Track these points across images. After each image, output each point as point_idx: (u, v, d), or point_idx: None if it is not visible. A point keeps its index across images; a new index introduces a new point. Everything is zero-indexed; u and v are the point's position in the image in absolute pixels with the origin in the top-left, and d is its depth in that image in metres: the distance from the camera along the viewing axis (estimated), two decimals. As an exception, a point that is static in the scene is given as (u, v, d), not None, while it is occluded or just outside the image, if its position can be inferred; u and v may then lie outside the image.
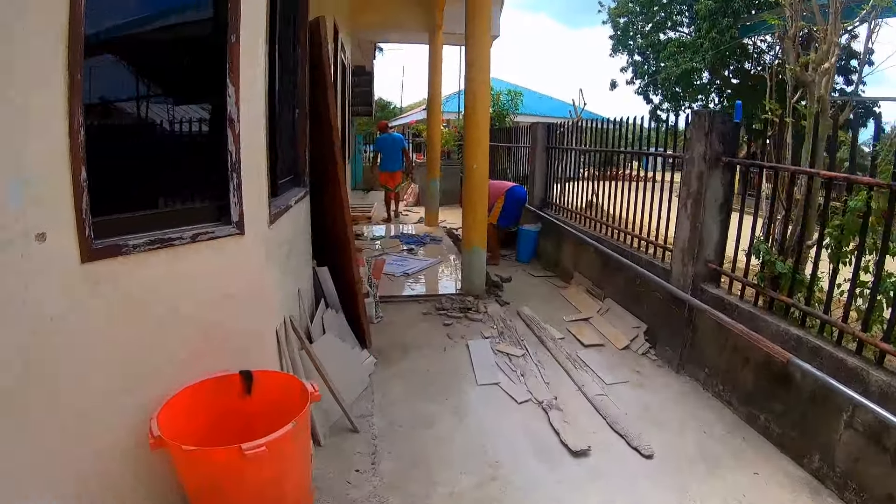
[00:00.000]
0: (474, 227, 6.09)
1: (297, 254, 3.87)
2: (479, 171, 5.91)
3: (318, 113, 4.21)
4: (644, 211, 5.58)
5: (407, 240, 9.32)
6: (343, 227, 4.42)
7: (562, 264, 7.54)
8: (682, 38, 24.07)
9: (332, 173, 4.29)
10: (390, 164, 11.65)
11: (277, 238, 3.12)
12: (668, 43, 24.13)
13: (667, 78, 23.56)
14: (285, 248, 3.37)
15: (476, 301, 6.06)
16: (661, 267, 5.04)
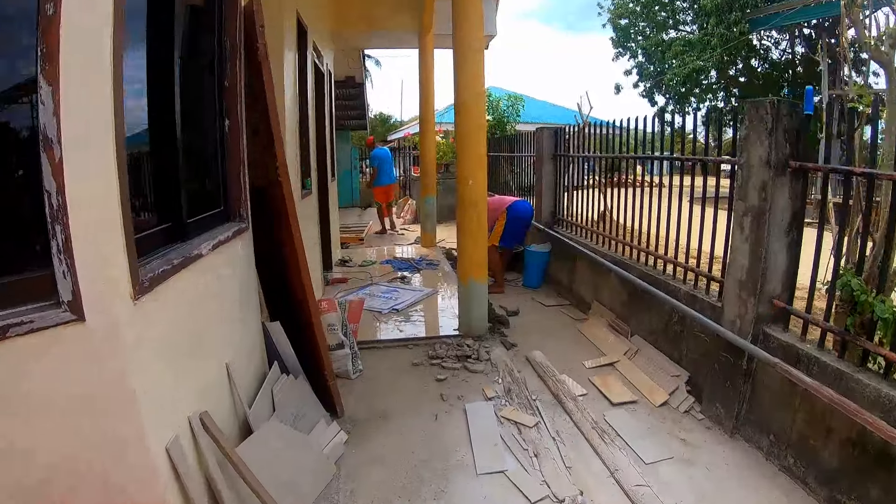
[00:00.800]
0: (472, 255, 5.07)
1: (226, 315, 2.87)
2: (476, 187, 4.91)
3: (260, 125, 3.23)
4: (669, 225, 4.61)
5: (400, 265, 8.32)
6: (297, 269, 3.43)
7: (577, 291, 6.52)
8: (687, 36, 23.10)
9: (278, 202, 3.30)
10: (385, 178, 11.84)
11: (164, 313, 2.11)
12: (674, 42, 23.21)
13: (673, 78, 22.61)
14: (187, 323, 2.35)
15: (476, 344, 5.04)
16: (707, 302, 4.05)
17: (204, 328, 2.54)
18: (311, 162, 5.98)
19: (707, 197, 4.41)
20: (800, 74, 21.62)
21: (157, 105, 2.37)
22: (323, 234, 7.25)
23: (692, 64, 21.24)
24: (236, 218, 3.14)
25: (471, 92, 4.81)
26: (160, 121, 2.38)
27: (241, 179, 3.11)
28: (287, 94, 4.64)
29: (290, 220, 3.27)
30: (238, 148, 3.07)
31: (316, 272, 6.39)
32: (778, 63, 22.82)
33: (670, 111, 25.05)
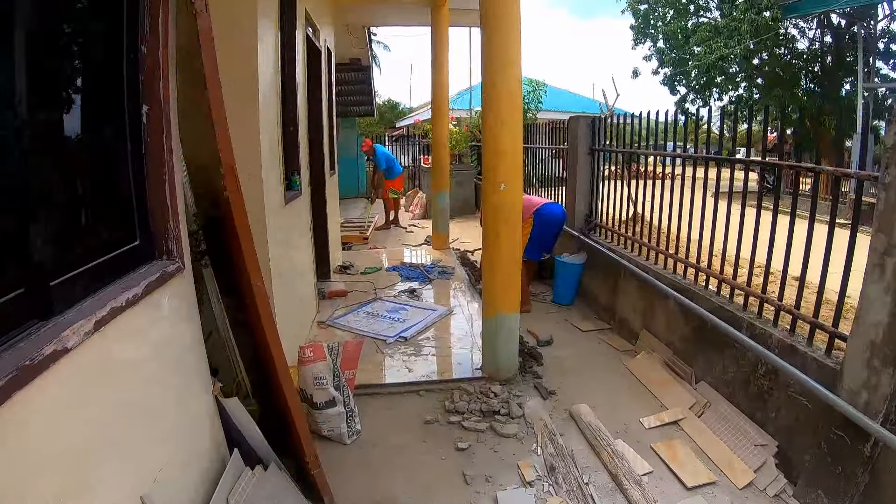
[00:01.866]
0: (502, 282, 4.02)
1: (139, 419, 1.81)
2: (511, 195, 3.84)
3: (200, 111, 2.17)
4: (725, 235, 3.57)
5: (408, 272, 7.25)
6: (256, 313, 2.38)
7: (620, 313, 5.46)
8: (714, 21, 21.80)
9: (228, 223, 2.24)
10: (398, 167, 11.84)
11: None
12: (699, 27, 21.94)
13: (697, 66, 21.37)
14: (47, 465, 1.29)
15: (505, 392, 3.99)
16: (813, 358, 3.06)
17: (88, 454, 1.49)
18: (301, 156, 4.91)
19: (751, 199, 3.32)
20: (828, 66, 20.41)
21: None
22: (318, 239, 6.20)
23: (719, 51, 19.97)
24: (163, 255, 2.07)
25: (504, 74, 3.72)
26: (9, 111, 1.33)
27: (168, 197, 2.04)
28: (263, 73, 3.56)
29: (243, 243, 2.21)
30: (161, 150, 2.00)
31: (308, 286, 5.35)
32: (803, 54, 21.55)
33: (692, 100, 23.93)
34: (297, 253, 4.76)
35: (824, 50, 20.77)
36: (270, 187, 3.71)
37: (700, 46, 21.08)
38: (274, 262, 3.71)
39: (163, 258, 2.08)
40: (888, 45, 18.22)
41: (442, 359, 4.59)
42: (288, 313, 4.22)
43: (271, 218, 3.69)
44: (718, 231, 4.12)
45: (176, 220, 2.09)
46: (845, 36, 19.53)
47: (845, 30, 19.49)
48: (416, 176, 16.92)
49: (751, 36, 18.98)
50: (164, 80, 2.01)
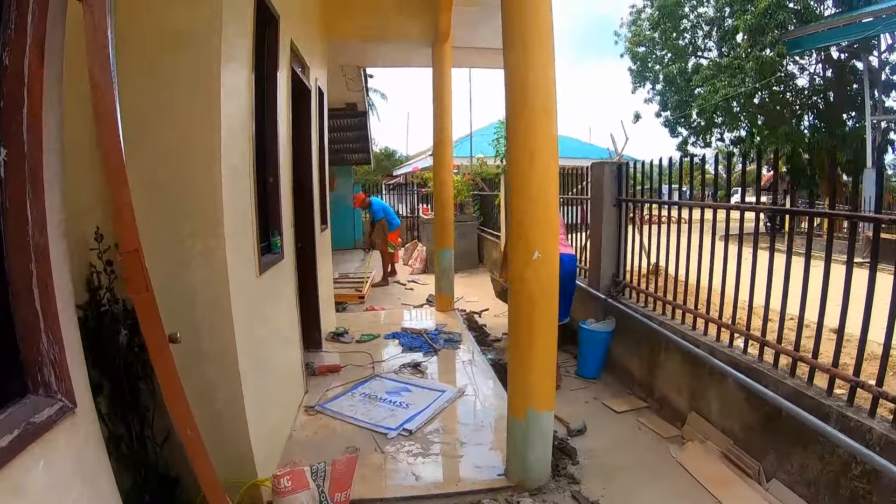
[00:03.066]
0: (538, 373, 3.22)
1: None
2: (546, 265, 3.07)
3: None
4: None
5: (410, 340, 6.41)
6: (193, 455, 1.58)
7: (659, 390, 4.64)
8: (717, 60, 21.45)
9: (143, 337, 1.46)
10: (395, 220, 11.60)
11: None
12: (701, 68, 21.63)
13: (702, 105, 20.96)
14: None
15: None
16: None
17: None
18: (284, 212, 4.14)
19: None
20: (829, 101, 20.00)
21: None
22: (306, 304, 5.41)
23: (724, 90, 19.56)
24: (37, 389, 1.27)
25: (535, 105, 2.99)
26: None
27: (39, 297, 1.25)
28: (228, 111, 2.82)
29: (159, 373, 1.42)
30: (26, 224, 1.23)
31: (293, 363, 4.52)
32: (804, 89, 21.18)
33: (693, 143, 23.55)
34: (277, 326, 3.95)
35: (826, 85, 20.40)
36: (238, 256, 2.94)
37: (703, 87, 20.73)
38: (243, 346, 2.92)
39: (38, 393, 1.29)
40: (890, 77, 17.82)
41: (455, 460, 3.72)
42: (265, 403, 3.40)
43: (239, 294, 2.91)
44: (758, 286, 3.55)
45: (56, 333, 1.31)
46: (846, 70, 19.20)
47: (846, 63, 19.17)
48: (415, 227, 16.20)
49: (755, 73, 18.57)
50: (33, 110, 1.25)
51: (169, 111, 2.68)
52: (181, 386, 1.53)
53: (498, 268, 6.49)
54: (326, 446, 3.90)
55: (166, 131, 2.68)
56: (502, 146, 12.16)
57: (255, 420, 3.07)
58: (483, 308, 8.64)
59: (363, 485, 3.35)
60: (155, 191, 2.63)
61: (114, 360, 2.49)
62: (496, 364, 5.78)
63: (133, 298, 1.43)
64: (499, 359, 6.06)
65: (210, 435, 2.76)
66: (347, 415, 4.37)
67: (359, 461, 3.64)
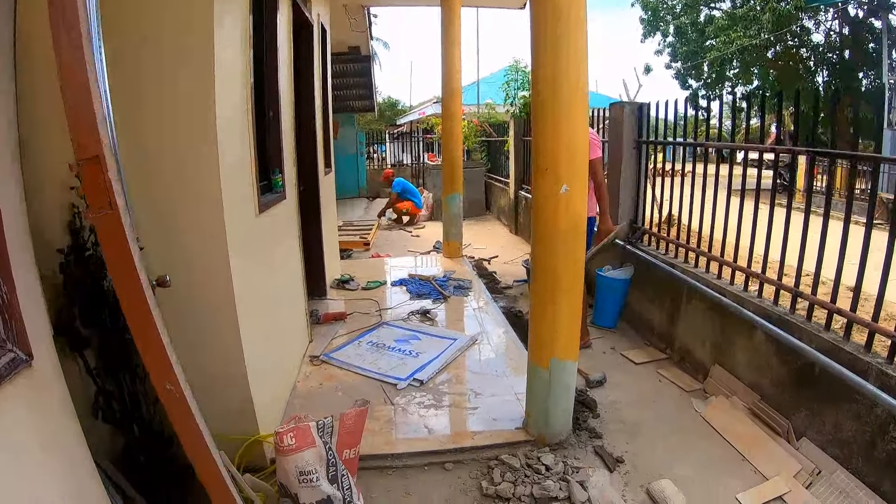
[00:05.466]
0: (564, 317, 2.96)
1: None
2: (574, 200, 2.77)
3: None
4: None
5: (418, 287, 6.18)
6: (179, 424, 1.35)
7: (679, 341, 4.42)
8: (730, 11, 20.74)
9: (108, 268, 1.20)
10: (418, 201, 11.70)
11: None
12: (715, 18, 20.97)
13: (714, 57, 20.37)
14: None
15: (560, 462, 2.96)
16: None
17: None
18: (286, 150, 3.85)
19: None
20: (845, 59, 19.37)
21: None
22: (310, 250, 5.16)
23: (738, 41, 18.94)
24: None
25: (565, 23, 2.66)
26: None
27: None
28: (222, 36, 2.51)
29: (129, 312, 1.17)
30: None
31: (297, 310, 4.30)
32: (819, 46, 20.50)
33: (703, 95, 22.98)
34: (279, 271, 3.71)
35: (842, 42, 19.75)
36: (234, 190, 2.68)
37: (717, 38, 20.13)
38: (241, 291, 2.67)
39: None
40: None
41: (470, 412, 3.52)
42: (266, 353, 3.19)
43: (237, 233, 2.65)
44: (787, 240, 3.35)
45: (4, 269, 1.05)
46: (863, 27, 18.54)
47: (864, 21, 18.51)
48: (420, 174, 15.86)
49: (772, 26, 17.96)
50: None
51: (157, 29, 2.37)
52: (157, 329, 1.29)
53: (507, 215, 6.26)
54: (332, 398, 3.71)
55: (156, 50, 2.37)
56: (512, 90, 11.72)
57: (256, 371, 2.85)
58: (492, 255, 8.39)
59: (372, 438, 3.16)
60: (142, 118, 2.35)
61: (100, 309, 2.24)
62: (508, 312, 5.56)
63: (92, 220, 1.16)
64: (511, 306, 5.84)
65: (205, 388, 2.55)
66: (354, 364, 4.17)
67: (368, 413, 3.45)
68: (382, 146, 19.47)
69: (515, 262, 7.87)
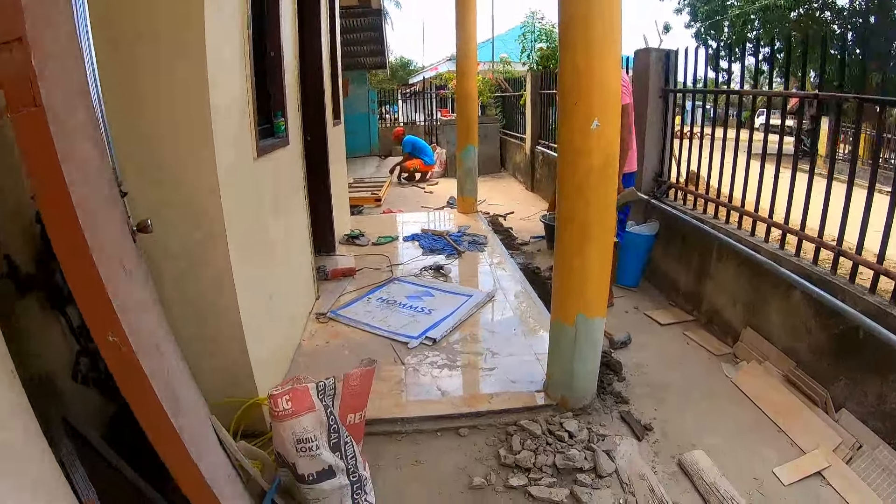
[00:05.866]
0: (593, 270, 2.68)
1: None
2: (606, 137, 2.46)
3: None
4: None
5: (431, 242, 5.92)
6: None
7: (707, 301, 4.16)
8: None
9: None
10: (427, 159, 11.34)
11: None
12: (738, -25, 20.19)
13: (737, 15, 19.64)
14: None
15: (584, 428, 2.73)
16: None
17: None
18: (289, 93, 3.56)
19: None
20: (870, 25, 18.52)
21: None
22: (317, 203, 4.92)
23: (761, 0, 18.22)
24: None
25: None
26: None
27: None
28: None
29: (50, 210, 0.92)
30: None
31: (302, 265, 4.07)
32: (842, 10, 19.63)
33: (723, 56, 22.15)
34: (282, 221, 3.44)
35: (867, 7, 18.90)
36: (228, 129, 2.41)
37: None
38: (236, 240, 2.43)
39: None
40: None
41: (486, 373, 3.28)
42: (267, 309, 2.96)
43: (231, 176, 2.39)
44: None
45: None
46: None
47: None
48: (433, 131, 15.48)
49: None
50: None
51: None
52: (89, 258, 1.02)
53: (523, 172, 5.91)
54: (339, 357, 3.49)
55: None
56: (529, 41, 11.31)
57: (253, 328, 2.62)
58: (508, 211, 8.10)
59: (381, 401, 2.94)
60: (123, 50, 2.08)
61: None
62: (525, 268, 5.30)
63: (12, 120, 0.91)
64: (528, 263, 5.58)
65: (196, 346, 2.34)
66: (363, 322, 3.94)
67: (376, 374, 3.23)
68: (395, 106, 19.04)
69: (532, 219, 7.59)
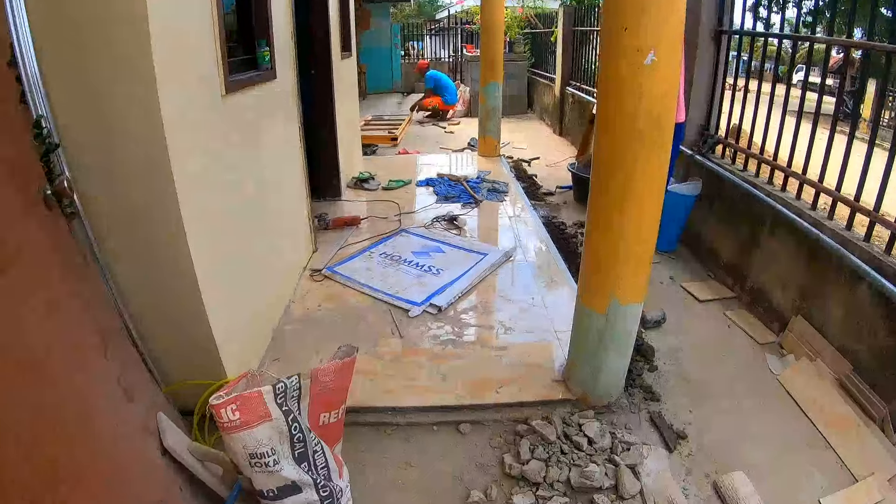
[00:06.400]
0: (636, 248, 2.15)
1: None
2: (660, 77, 1.87)
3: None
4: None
5: (447, 188, 5.42)
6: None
7: (753, 278, 3.62)
8: None
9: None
10: (451, 97, 10.62)
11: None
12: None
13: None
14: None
15: (606, 434, 2.30)
16: None
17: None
18: (275, 16, 3.00)
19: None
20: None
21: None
22: (320, 146, 4.43)
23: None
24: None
25: None
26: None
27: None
28: None
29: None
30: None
31: (295, 214, 3.62)
32: None
33: (764, 4, 20.80)
34: (266, 165, 2.93)
35: None
36: (180, 63, 1.90)
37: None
38: (191, 195, 1.97)
39: None
40: None
41: (497, 353, 2.83)
42: (239, 273, 2.51)
43: (184, 117, 1.91)
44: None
45: None
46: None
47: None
48: (457, 68, 14.73)
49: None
50: None
51: None
52: None
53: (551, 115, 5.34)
54: (330, 326, 3.06)
55: None
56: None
57: (219, 297, 2.18)
58: (533, 156, 7.51)
59: (372, 383, 2.54)
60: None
61: None
62: (549, 222, 4.80)
63: None
64: (552, 216, 5.08)
65: (151, 318, 1.97)
66: (361, 281, 3.50)
67: (370, 349, 2.81)
68: (420, 42, 18.27)
69: (559, 166, 7.00)
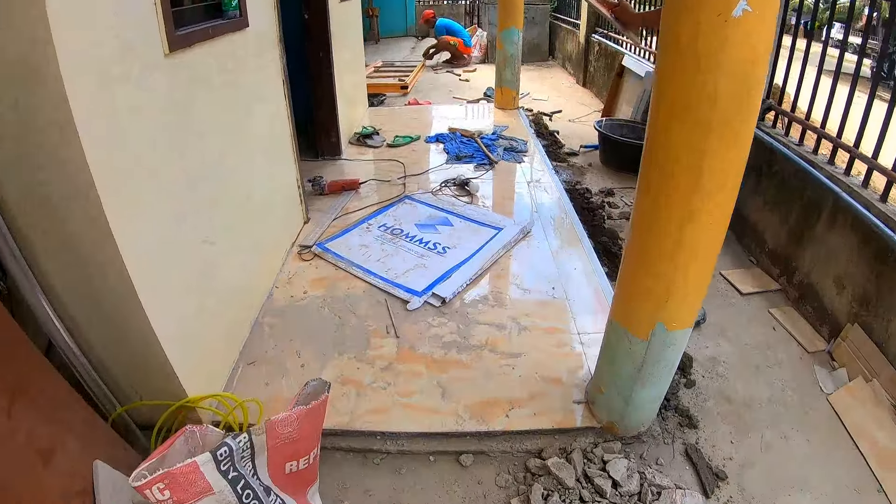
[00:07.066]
0: (690, 264, 1.62)
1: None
2: (753, 33, 1.31)
3: None
4: None
5: (459, 146, 4.92)
6: None
7: (802, 272, 3.12)
8: None
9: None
10: (466, 42, 10.22)
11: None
12: None
13: None
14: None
15: (634, 474, 1.89)
16: None
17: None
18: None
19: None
20: None
21: None
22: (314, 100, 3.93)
23: None
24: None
25: None
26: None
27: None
28: None
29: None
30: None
31: (283, 183, 3.17)
32: None
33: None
34: (234, 131, 2.41)
35: None
36: (86, 19, 1.41)
37: None
38: (114, 178, 1.53)
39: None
40: None
41: (508, 362, 2.39)
42: (193, 266, 2.05)
43: (101, 81, 1.45)
44: None
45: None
46: None
47: None
48: (473, 11, 13.94)
49: None
50: None
51: None
52: None
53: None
54: (314, 323, 2.64)
55: None
56: None
57: (166, 294, 1.76)
58: (555, 109, 6.92)
59: (358, 399, 2.13)
60: None
61: None
62: (572, 189, 4.32)
63: None
64: (576, 182, 4.58)
65: (92, 325, 1.70)
66: (355, 262, 3.06)
67: (359, 353, 2.39)
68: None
69: (583, 122, 6.43)
